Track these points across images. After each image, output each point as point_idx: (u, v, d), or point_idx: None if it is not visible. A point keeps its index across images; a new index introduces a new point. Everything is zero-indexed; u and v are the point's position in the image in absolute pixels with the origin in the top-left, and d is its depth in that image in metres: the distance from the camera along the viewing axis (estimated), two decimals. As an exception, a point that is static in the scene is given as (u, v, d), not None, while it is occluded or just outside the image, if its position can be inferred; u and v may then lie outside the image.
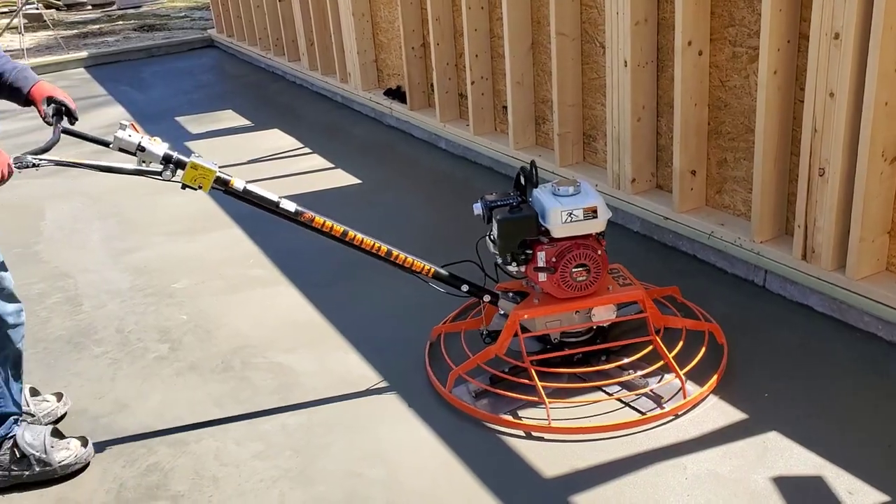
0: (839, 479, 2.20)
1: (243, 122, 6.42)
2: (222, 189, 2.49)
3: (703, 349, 2.72)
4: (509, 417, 2.57)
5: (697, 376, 2.63)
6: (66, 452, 2.48)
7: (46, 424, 2.61)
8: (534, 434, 2.49)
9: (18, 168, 2.19)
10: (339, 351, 3.07)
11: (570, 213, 2.61)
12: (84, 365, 3.10)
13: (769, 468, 2.27)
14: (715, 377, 2.64)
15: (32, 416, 2.66)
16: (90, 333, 3.34)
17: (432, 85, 5.43)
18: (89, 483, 2.47)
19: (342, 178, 4.94)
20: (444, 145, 5.31)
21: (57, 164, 2.30)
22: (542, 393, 2.54)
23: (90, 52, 9.46)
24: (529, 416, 2.56)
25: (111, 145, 2.40)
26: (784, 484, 2.21)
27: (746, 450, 2.35)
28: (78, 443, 2.53)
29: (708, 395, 2.59)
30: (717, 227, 3.39)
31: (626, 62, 3.58)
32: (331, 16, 6.42)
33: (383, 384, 2.82)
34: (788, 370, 2.70)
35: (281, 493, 2.36)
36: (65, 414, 2.77)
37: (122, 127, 2.39)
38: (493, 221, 2.69)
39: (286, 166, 5.25)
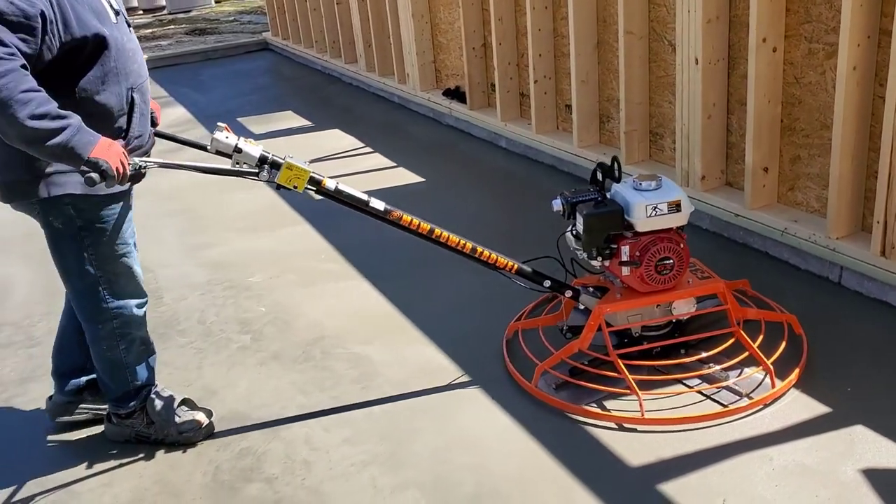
0: (930, 472, 2.21)
1: (303, 122, 6.54)
2: (314, 189, 2.56)
3: (785, 340, 2.74)
4: (596, 409, 2.60)
5: (777, 370, 2.64)
6: (188, 424, 2.64)
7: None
8: (625, 425, 2.52)
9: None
10: (415, 343, 3.14)
11: (655, 208, 2.64)
12: (171, 354, 3.21)
13: (857, 460, 2.28)
14: (797, 369, 2.65)
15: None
16: (174, 324, 3.45)
17: (493, 85, 5.48)
18: (186, 465, 2.57)
19: (405, 177, 5.01)
20: (504, 144, 5.36)
21: (160, 167, 2.36)
22: (634, 385, 2.57)
23: (147, 55, 9.69)
24: (615, 407, 2.60)
25: (209, 148, 2.46)
26: (874, 476, 2.22)
27: (833, 442, 2.36)
28: (203, 415, 2.68)
29: (790, 389, 2.60)
30: (791, 224, 3.39)
31: (697, 60, 3.59)
32: (389, 18, 6.52)
33: (463, 375, 2.88)
34: (869, 365, 2.70)
35: (371, 476, 2.43)
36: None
37: (219, 129, 2.45)
38: (578, 216, 2.73)
39: (349, 165, 5.34)
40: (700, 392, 2.64)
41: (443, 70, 6.22)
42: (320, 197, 2.61)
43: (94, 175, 2.09)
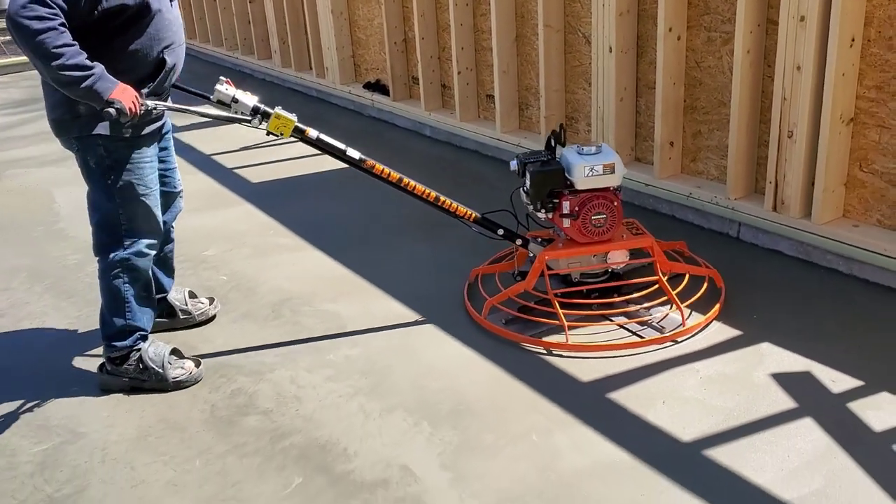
0: (823, 373, 2.71)
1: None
2: (298, 137, 2.88)
3: (705, 286, 3.20)
4: (535, 338, 3.00)
5: (699, 309, 3.11)
6: (180, 371, 2.90)
7: (200, 323, 3.28)
8: (553, 351, 2.92)
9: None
10: (379, 299, 3.45)
11: (592, 168, 3.07)
12: (143, 317, 3.40)
13: (767, 368, 2.76)
14: (717, 306, 3.12)
15: (190, 314, 3.25)
16: (139, 293, 3.63)
17: (414, 77, 5.86)
18: (183, 405, 2.80)
19: (335, 162, 5.26)
20: (429, 132, 5.73)
21: (169, 109, 2.68)
22: (563, 317, 2.98)
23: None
24: (554, 339, 3.01)
25: (212, 97, 2.79)
26: (780, 378, 2.70)
27: (746, 356, 2.84)
28: (192, 364, 2.93)
29: (711, 322, 3.07)
30: (695, 189, 3.91)
31: (611, 48, 4.08)
32: (307, 15, 6.78)
33: (427, 321, 3.22)
34: (769, 301, 3.21)
35: (360, 404, 2.74)
36: (214, 315, 3.35)
37: (220, 82, 2.79)
38: (527, 174, 3.13)
39: (278, 153, 5.58)
40: (622, 326, 3.05)
41: (362, 64, 6.54)
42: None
43: (111, 111, 2.45)
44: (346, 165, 3.12)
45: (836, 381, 2.66)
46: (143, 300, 2.88)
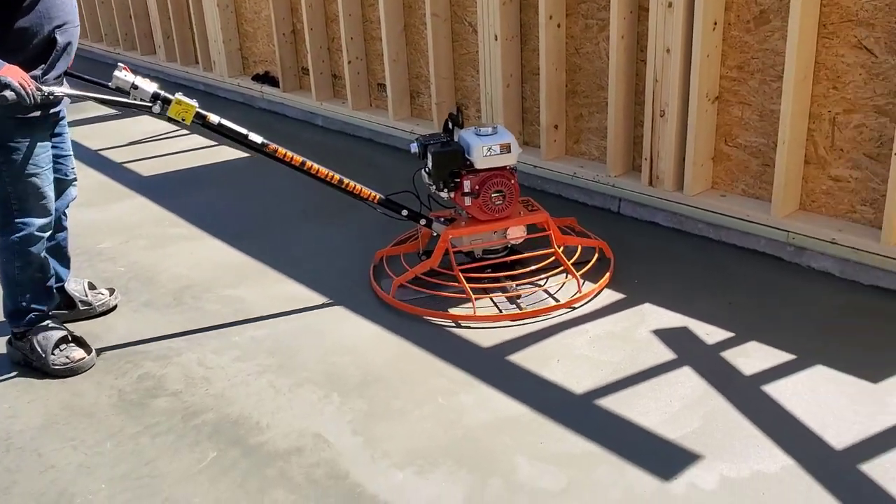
0: (699, 328, 2.97)
1: (107, 110, 6.53)
2: (200, 122, 2.91)
3: (595, 256, 3.42)
4: (443, 312, 3.15)
5: (593, 279, 3.33)
6: (64, 360, 2.89)
7: (101, 314, 3.26)
8: (461, 323, 3.07)
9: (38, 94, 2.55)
10: (281, 283, 3.52)
11: (490, 148, 3.22)
12: (40, 310, 3.34)
13: (648, 325, 3.00)
14: (608, 274, 3.34)
15: (90, 305, 3.21)
16: (32, 287, 3.56)
17: (304, 68, 5.90)
18: (89, 392, 2.79)
19: (229, 153, 5.29)
20: (321, 122, 5.79)
21: (68, 96, 2.66)
22: (468, 289, 3.15)
23: None
24: (459, 312, 3.16)
25: (111, 84, 2.79)
26: (660, 334, 2.95)
27: (630, 316, 3.08)
28: (81, 353, 2.91)
29: (603, 289, 3.28)
30: (579, 169, 4.15)
31: (496, 36, 4.27)
32: (192, 8, 6.70)
33: (331, 301, 3.31)
34: (649, 267, 3.47)
35: (269, 381, 2.81)
36: (115, 306, 3.33)
37: (119, 68, 2.78)
38: (428, 155, 3.26)
39: (169, 146, 5.52)
40: (521, 297, 3.26)
41: (250, 57, 6.52)
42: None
43: (7, 94, 2.44)
44: (238, 156, 3.17)
45: (710, 334, 2.92)
46: (37, 282, 2.88)
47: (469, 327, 3.05)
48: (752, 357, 2.77)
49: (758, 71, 3.42)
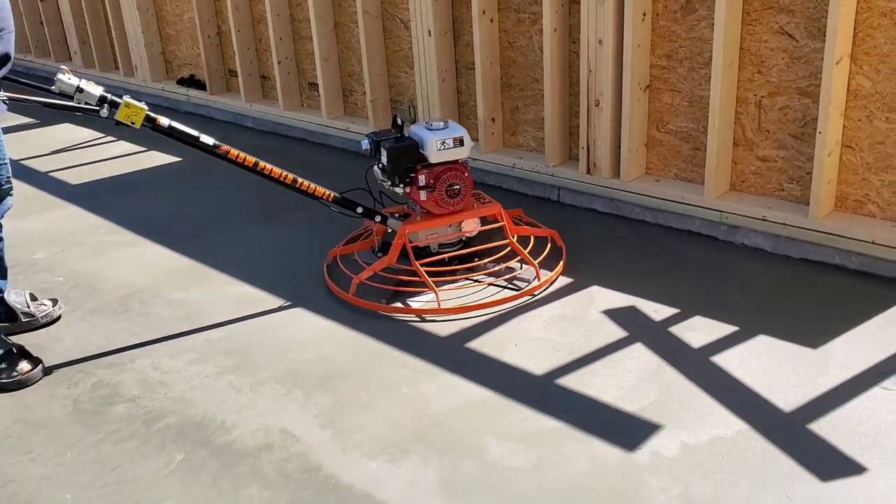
0: (645, 306, 3.09)
1: (26, 119, 6.31)
2: (150, 126, 2.87)
3: (549, 245, 3.49)
4: (407, 307, 3.16)
5: (547, 266, 3.41)
6: (13, 373, 2.79)
7: (45, 325, 3.15)
8: (426, 318, 3.10)
9: None
10: (230, 285, 3.49)
11: (443, 142, 3.26)
12: (-22, 325, 3.23)
13: (598, 307, 3.11)
14: (562, 261, 3.40)
15: (33, 316, 3.10)
16: (-33, 302, 3.43)
17: (231, 70, 5.83)
18: (42, 404, 2.72)
19: (161, 158, 5.19)
20: (251, 123, 5.73)
21: (11, 100, 2.57)
22: (431, 283, 3.17)
23: None
24: (420, 306, 3.20)
25: (53, 87, 2.70)
26: (610, 314, 3.05)
27: (580, 299, 3.18)
28: (27, 365, 2.83)
29: (559, 275, 3.35)
30: (517, 161, 4.24)
31: (429, 32, 4.32)
32: (110, 12, 6.53)
33: (284, 300, 3.31)
34: (592, 252, 3.58)
35: (229, 381, 2.79)
36: (59, 316, 3.23)
37: (61, 71, 2.70)
38: (382, 151, 3.26)
39: (96, 153, 5.38)
40: (488, 286, 3.32)
41: (173, 60, 6.40)
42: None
43: None
44: (169, 160, 3.13)
45: (657, 311, 3.05)
46: None
47: (433, 320, 3.08)
48: (698, 331, 2.90)
49: (686, 59, 3.57)
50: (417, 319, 3.11)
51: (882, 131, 3.12)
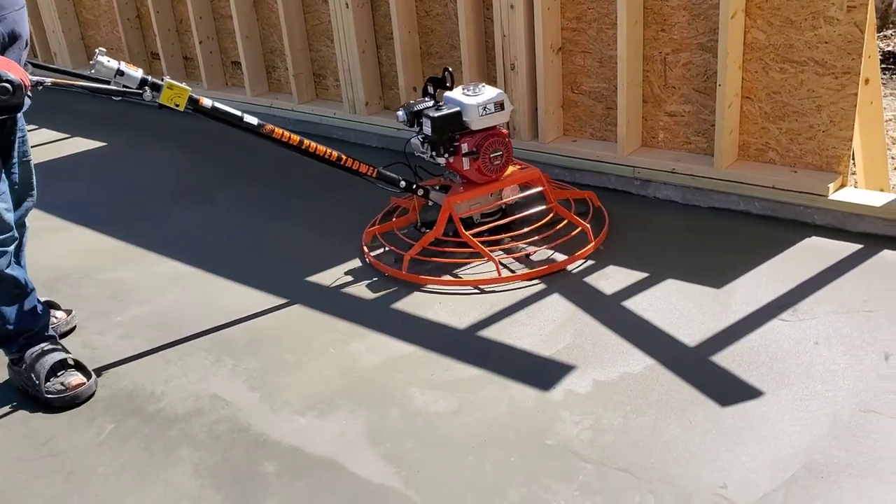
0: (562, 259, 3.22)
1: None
2: (192, 107, 2.79)
3: (592, 209, 3.47)
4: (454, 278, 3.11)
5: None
6: (60, 386, 2.59)
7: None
8: (485, 288, 3.05)
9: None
10: (159, 262, 3.52)
11: (485, 108, 3.23)
12: None
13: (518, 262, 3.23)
14: (606, 224, 3.38)
15: None
16: None
17: (153, 53, 5.79)
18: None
19: (84, 144, 5.15)
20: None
21: (55, 86, 2.45)
22: (488, 252, 3.13)
23: None
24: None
25: (92, 71, 2.61)
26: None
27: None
28: (76, 379, 2.62)
29: (604, 239, 3.31)
30: (440, 128, 4.32)
31: (347, 4, 4.36)
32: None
33: (213, 274, 3.35)
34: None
35: (159, 353, 2.84)
36: (73, 328, 3.03)
37: (101, 53, 2.62)
38: (425, 120, 3.21)
39: (18, 142, 5.29)
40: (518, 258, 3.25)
41: (93, 45, 6.31)
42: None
43: (6, 84, 2.17)
44: (92, 146, 3.06)
45: (574, 264, 3.18)
46: (14, 299, 2.58)
47: (492, 291, 3.03)
48: (611, 279, 3.04)
49: (594, 20, 3.69)
50: (477, 290, 3.05)
51: (777, 81, 3.29)
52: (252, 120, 2.97)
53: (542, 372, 2.54)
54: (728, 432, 2.22)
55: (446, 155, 3.24)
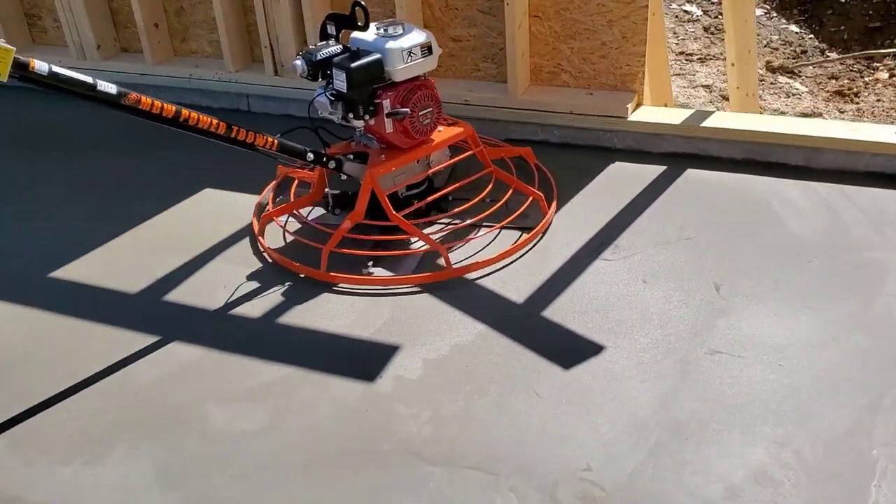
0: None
1: None
2: (20, 74, 1.91)
3: (536, 172, 2.90)
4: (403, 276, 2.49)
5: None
6: None
7: None
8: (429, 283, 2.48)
9: None
10: None
11: (410, 53, 2.51)
12: None
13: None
14: (554, 188, 2.84)
15: None
16: None
17: None
18: None
19: None
20: None
21: None
22: (433, 241, 2.53)
23: None
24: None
25: None
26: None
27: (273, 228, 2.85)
28: None
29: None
30: (194, 70, 3.71)
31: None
32: None
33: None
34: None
35: None
36: None
37: None
38: (336, 72, 2.45)
39: None
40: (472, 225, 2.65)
41: None
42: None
43: None
44: None
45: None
46: None
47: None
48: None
49: (361, -64, 3.24)
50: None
51: (566, -3, 3.06)
52: (109, 88, 2.11)
53: (362, 359, 2.18)
54: (579, 399, 2.00)
55: (366, 116, 2.54)
